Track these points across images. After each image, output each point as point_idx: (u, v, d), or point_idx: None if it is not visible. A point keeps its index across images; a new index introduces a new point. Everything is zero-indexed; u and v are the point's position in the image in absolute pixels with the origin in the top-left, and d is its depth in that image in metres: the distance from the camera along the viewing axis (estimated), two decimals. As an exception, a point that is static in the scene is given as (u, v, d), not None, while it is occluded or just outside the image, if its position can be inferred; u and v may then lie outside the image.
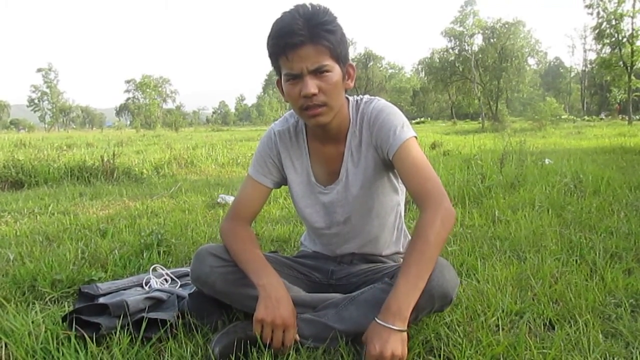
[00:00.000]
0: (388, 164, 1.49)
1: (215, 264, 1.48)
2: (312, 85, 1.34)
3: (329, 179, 1.59)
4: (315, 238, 1.74)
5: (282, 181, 1.67)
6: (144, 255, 2.36)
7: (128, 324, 1.47)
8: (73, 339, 1.39)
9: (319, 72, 1.35)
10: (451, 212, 1.34)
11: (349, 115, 1.53)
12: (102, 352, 1.38)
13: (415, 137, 1.46)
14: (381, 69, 69.84)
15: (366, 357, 1.21)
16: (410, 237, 1.73)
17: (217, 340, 1.35)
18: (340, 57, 1.38)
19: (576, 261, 2.14)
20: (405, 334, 1.22)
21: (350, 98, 1.56)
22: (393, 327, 1.20)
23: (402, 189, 1.66)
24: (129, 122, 78.31)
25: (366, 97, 1.56)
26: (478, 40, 42.58)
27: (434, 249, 1.28)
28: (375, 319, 1.24)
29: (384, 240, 1.67)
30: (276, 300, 1.35)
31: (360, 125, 1.51)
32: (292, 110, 1.59)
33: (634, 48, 28.84)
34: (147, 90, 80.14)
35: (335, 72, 1.37)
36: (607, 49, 31.92)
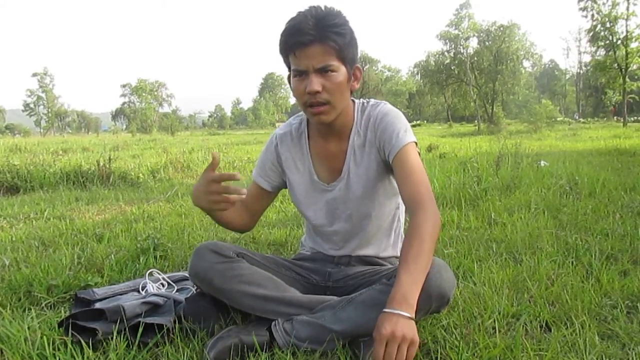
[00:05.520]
0: (389, 166, 1.52)
1: (214, 260, 1.50)
2: (316, 83, 1.39)
3: (331, 176, 1.61)
4: (315, 236, 1.75)
5: (281, 185, 1.72)
6: (141, 259, 2.36)
7: (124, 329, 1.46)
8: (69, 345, 1.38)
9: (324, 71, 1.40)
10: (439, 217, 1.40)
11: (353, 115, 1.57)
12: (99, 358, 1.37)
13: (415, 143, 1.50)
14: (377, 72, 69.98)
15: (377, 341, 1.16)
16: None
17: (212, 345, 1.35)
18: (347, 59, 1.43)
19: (572, 263, 2.15)
20: (413, 322, 1.19)
21: (357, 100, 1.60)
22: (401, 312, 1.18)
23: None
24: (125, 127, 78.19)
25: (373, 100, 1.61)
26: (473, 43, 42.78)
27: (429, 247, 1.31)
28: (383, 310, 1.21)
29: (382, 242, 1.68)
30: (195, 189, 1.37)
31: (366, 127, 1.56)
32: (295, 115, 1.66)
33: (628, 50, 29.01)
34: (143, 94, 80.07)
35: (341, 72, 1.42)
36: (602, 52, 32.10)
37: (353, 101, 1.59)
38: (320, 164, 1.63)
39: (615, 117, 41.03)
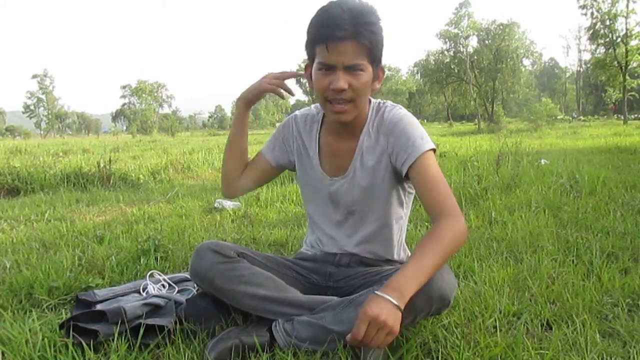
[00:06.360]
0: (399, 173, 1.50)
1: (215, 260, 1.50)
2: (343, 80, 1.37)
3: (335, 172, 1.60)
4: (316, 230, 1.73)
5: (285, 164, 1.71)
6: (141, 261, 2.36)
7: (125, 331, 1.47)
8: (70, 347, 1.38)
9: (352, 69, 1.37)
10: (466, 231, 1.37)
11: (367, 114, 1.54)
12: (100, 359, 1.37)
13: (434, 150, 1.46)
14: (377, 71, 69.62)
15: (360, 318, 1.18)
16: (409, 253, 1.73)
17: (212, 346, 1.36)
18: (376, 58, 1.41)
19: (573, 261, 2.15)
20: (400, 313, 1.20)
21: (373, 99, 1.58)
22: (391, 299, 1.19)
23: (407, 205, 1.67)
24: (125, 128, 78.20)
25: (389, 103, 1.58)
26: (473, 41, 42.77)
27: (445, 252, 1.30)
28: (375, 291, 1.22)
29: (383, 248, 1.66)
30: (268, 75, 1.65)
31: (377, 129, 1.53)
32: (317, 104, 1.63)
33: (628, 48, 28.98)
34: (143, 95, 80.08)
35: (368, 72, 1.40)
36: (602, 49, 32.08)
37: (370, 100, 1.56)
38: (325, 158, 1.62)
39: (615, 115, 40.99)
